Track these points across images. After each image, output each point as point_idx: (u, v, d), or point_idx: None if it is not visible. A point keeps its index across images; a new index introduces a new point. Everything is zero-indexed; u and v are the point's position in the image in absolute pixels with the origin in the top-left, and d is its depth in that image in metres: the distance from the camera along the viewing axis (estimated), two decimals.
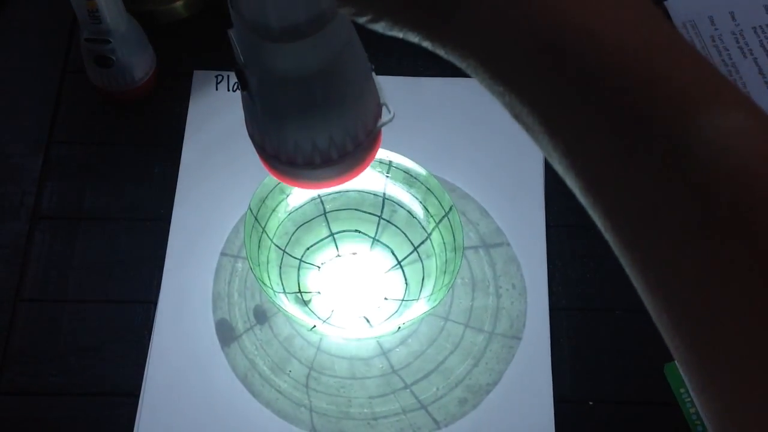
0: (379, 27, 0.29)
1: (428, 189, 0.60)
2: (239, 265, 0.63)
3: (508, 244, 0.64)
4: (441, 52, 0.29)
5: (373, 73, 0.39)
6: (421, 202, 0.61)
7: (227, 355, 0.60)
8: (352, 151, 0.39)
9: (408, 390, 0.59)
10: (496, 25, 0.27)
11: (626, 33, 0.26)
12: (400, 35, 0.29)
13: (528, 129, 0.28)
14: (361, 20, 0.29)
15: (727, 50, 0.72)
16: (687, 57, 0.27)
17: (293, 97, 0.37)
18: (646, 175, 0.26)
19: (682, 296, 0.26)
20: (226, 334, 0.61)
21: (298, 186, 0.41)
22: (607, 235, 0.28)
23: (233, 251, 0.64)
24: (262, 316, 0.61)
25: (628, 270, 0.28)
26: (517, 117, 0.28)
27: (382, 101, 0.40)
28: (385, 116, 0.40)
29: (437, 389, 0.59)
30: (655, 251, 0.27)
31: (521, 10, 0.26)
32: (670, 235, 0.26)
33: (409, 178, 0.61)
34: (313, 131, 0.38)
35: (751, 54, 0.72)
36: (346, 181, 0.41)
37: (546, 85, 0.27)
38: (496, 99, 0.28)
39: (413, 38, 0.29)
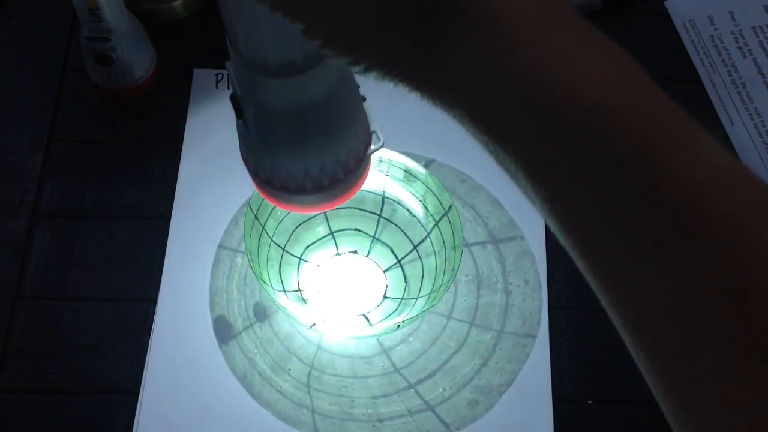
0: (371, 77, 0.30)
1: (428, 188, 0.60)
2: (239, 260, 0.63)
3: (522, 238, 0.63)
4: (429, 101, 0.30)
5: (365, 103, 0.41)
6: (420, 201, 0.61)
7: (225, 353, 0.60)
8: (342, 178, 0.41)
9: (412, 390, 0.59)
10: (481, 79, 0.28)
11: (605, 89, 0.27)
12: (392, 85, 0.30)
13: (512, 176, 0.29)
14: (355, 70, 0.30)
15: (727, 50, 0.72)
16: (662, 108, 0.28)
17: (287, 128, 0.38)
18: (625, 220, 0.27)
19: (662, 339, 0.28)
20: (224, 331, 0.61)
21: (290, 210, 0.43)
22: (588, 276, 0.29)
23: (232, 245, 0.64)
24: (262, 313, 0.61)
25: (607, 309, 0.29)
26: (500, 164, 0.30)
27: (372, 129, 0.42)
28: (374, 143, 0.42)
29: (443, 389, 0.59)
30: (634, 289, 0.28)
31: (506, 66, 0.27)
32: (647, 274, 0.27)
33: (408, 177, 0.61)
34: (305, 160, 0.40)
35: (751, 54, 0.72)
36: (337, 205, 0.43)
37: (528, 138, 0.28)
38: (481, 146, 0.30)
39: (404, 89, 0.30)
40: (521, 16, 0.28)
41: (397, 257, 0.62)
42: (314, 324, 0.56)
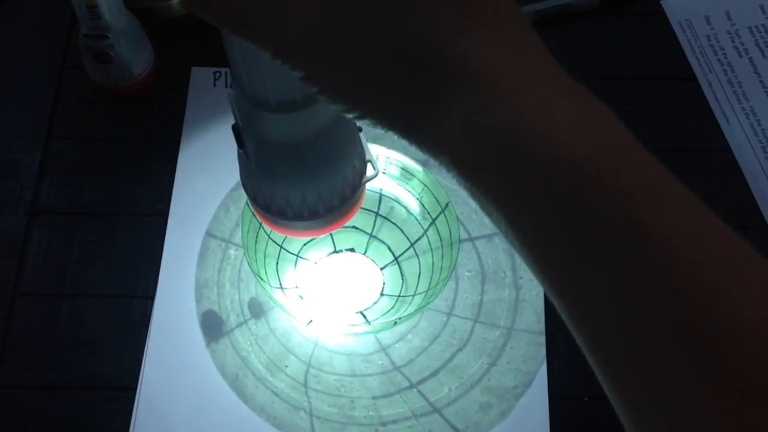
0: (364, 123, 0.32)
1: (424, 185, 0.60)
2: (231, 252, 0.63)
3: None
4: (417, 148, 0.32)
5: (361, 134, 0.43)
6: (417, 199, 0.61)
7: (215, 352, 0.60)
8: (338, 206, 0.43)
9: (415, 389, 0.58)
10: (463, 132, 0.30)
11: (580, 139, 0.29)
12: (384, 131, 0.32)
13: (493, 222, 0.31)
14: (349, 116, 0.32)
15: (723, 50, 0.73)
16: (635, 157, 0.30)
17: (285, 160, 0.40)
18: (595, 265, 0.29)
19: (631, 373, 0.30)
20: (214, 328, 0.60)
21: (288, 234, 0.45)
22: (563, 316, 0.31)
23: (224, 234, 0.63)
24: (258, 309, 0.62)
25: (593, 367, 0.32)
26: (482, 209, 0.31)
27: (367, 158, 0.44)
28: (369, 172, 0.44)
29: (449, 390, 0.58)
30: (603, 330, 0.30)
31: (486, 120, 0.29)
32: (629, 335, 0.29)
33: (405, 174, 0.61)
34: (302, 189, 0.41)
35: (747, 53, 0.72)
36: (332, 231, 0.46)
37: (506, 187, 0.30)
38: (466, 192, 0.32)
39: (394, 135, 0.32)
40: (502, 72, 0.29)
41: (394, 255, 0.63)
42: (311, 321, 0.56)
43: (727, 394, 0.27)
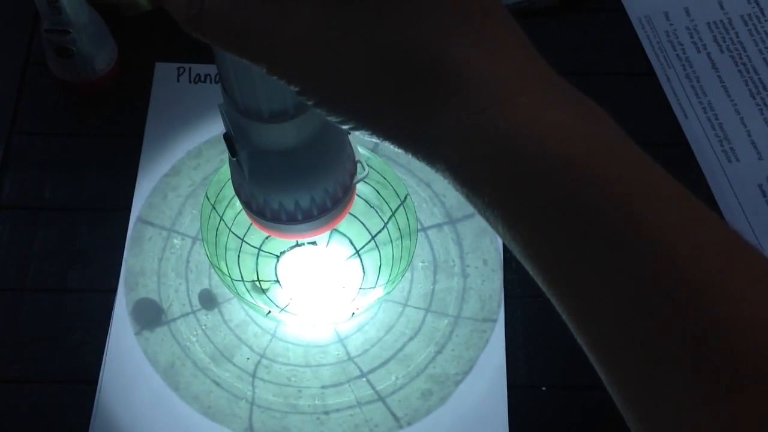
0: (360, 134, 0.33)
1: (383, 177, 0.61)
2: (176, 241, 0.63)
3: None
4: (413, 156, 0.33)
5: (350, 136, 0.44)
6: (377, 191, 0.62)
7: (147, 340, 0.59)
8: (330, 207, 0.44)
9: (364, 378, 0.59)
10: (458, 137, 0.30)
11: (573, 139, 0.30)
12: (380, 141, 0.33)
13: (492, 225, 0.32)
14: (345, 127, 0.33)
15: (681, 45, 0.74)
16: (628, 155, 0.31)
17: (279, 167, 0.41)
18: (590, 263, 0.30)
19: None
20: (148, 317, 0.60)
21: (282, 237, 0.47)
22: (563, 315, 0.32)
23: (163, 223, 0.63)
24: (210, 301, 0.62)
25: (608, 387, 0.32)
26: (481, 214, 0.32)
27: (357, 159, 0.45)
28: (360, 173, 0.45)
29: (396, 378, 0.59)
30: (604, 330, 0.30)
31: (480, 125, 0.30)
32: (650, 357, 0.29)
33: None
34: (296, 194, 0.43)
35: (705, 49, 0.74)
36: (326, 231, 0.47)
37: (502, 189, 0.31)
38: (463, 198, 0.32)
39: (390, 145, 0.32)
40: (493, 77, 0.30)
41: (355, 247, 0.63)
42: (269, 312, 0.56)
43: (728, 386, 0.28)
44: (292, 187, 0.42)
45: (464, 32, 0.30)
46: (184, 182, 0.65)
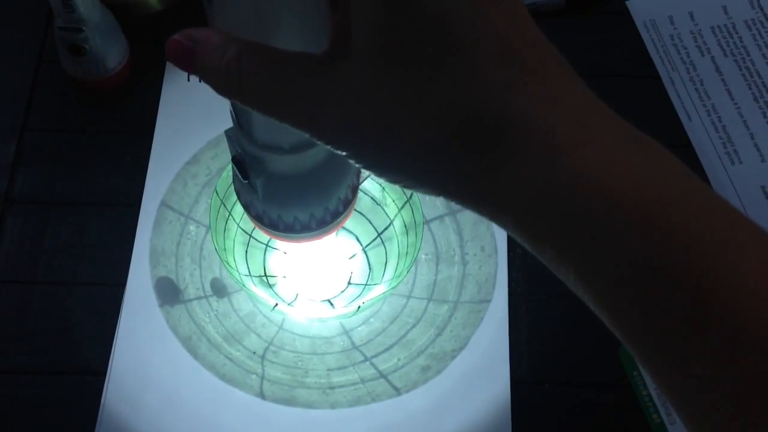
0: (399, 186, 0.32)
1: None
2: (191, 228, 0.64)
3: None
4: (474, 211, 0.31)
5: None
6: (382, 188, 0.63)
7: (168, 313, 0.61)
8: (342, 211, 0.44)
9: (368, 362, 0.60)
10: (527, 191, 0.29)
11: (647, 187, 0.28)
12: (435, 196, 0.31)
13: (563, 279, 0.30)
14: (397, 185, 0.32)
15: (686, 49, 0.75)
16: (706, 201, 0.29)
17: (296, 188, 0.41)
18: (673, 323, 0.28)
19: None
20: (169, 294, 0.62)
21: (291, 243, 0.46)
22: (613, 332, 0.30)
23: (182, 209, 0.64)
24: (221, 290, 0.63)
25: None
26: (551, 267, 0.31)
27: None
28: (365, 171, 0.45)
29: (398, 360, 0.60)
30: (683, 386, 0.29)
31: (550, 177, 0.28)
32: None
33: None
34: (311, 208, 0.42)
35: (709, 53, 0.74)
36: (336, 230, 0.47)
37: (575, 242, 0.29)
38: (531, 250, 0.31)
39: (446, 199, 0.31)
40: (559, 128, 0.28)
41: (361, 244, 0.64)
42: (276, 305, 0.57)
43: None
44: (308, 202, 0.42)
45: (522, 81, 0.29)
46: (202, 171, 0.67)
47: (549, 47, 0.31)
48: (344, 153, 0.30)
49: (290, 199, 0.42)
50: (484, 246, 0.63)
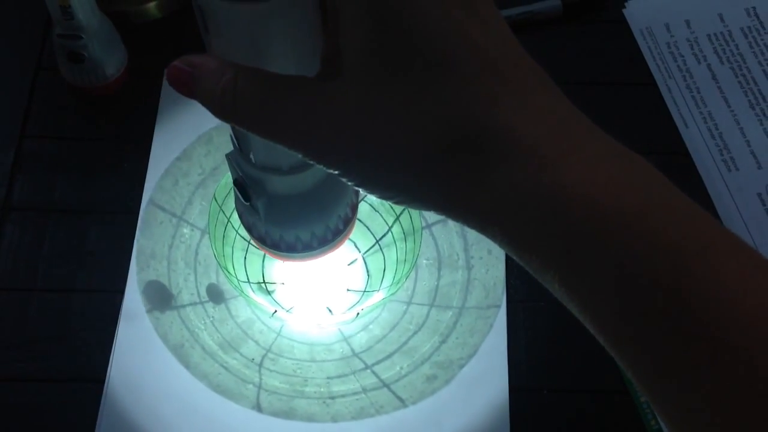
0: (390, 202, 0.33)
1: None
2: (185, 231, 0.63)
3: None
4: (461, 223, 0.32)
5: None
6: None
7: (158, 320, 0.60)
8: (342, 229, 0.45)
9: (369, 370, 0.60)
10: (511, 203, 0.30)
11: (625, 197, 0.29)
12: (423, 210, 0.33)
13: (548, 286, 0.31)
14: (387, 201, 0.33)
15: (682, 56, 0.75)
16: (681, 210, 0.30)
17: (298, 208, 0.41)
18: (652, 328, 0.29)
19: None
20: (159, 299, 0.60)
21: (293, 261, 0.47)
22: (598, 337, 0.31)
23: (174, 209, 0.63)
24: (217, 296, 0.62)
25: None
26: (535, 275, 0.32)
27: None
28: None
29: (401, 368, 0.59)
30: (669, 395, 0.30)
31: (533, 189, 0.29)
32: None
33: None
34: (312, 227, 0.43)
35: (705, 60, 0.75)
36: (337, 248, 0.47)
37: (558, 252, 0.30)
38: (516, 259, 0.32)
39: (434, 213, 0.32)
40: (545, 139, 0.30)
41: (359, 251, 0.64)
42: (275, 311, 0.57)
43: None
44: (309, 221, 0.43)
45: (506, 96, 0.30)
46: (194, 170, 0.65)
47: (531, 63, 0.32)
48: (336, 171, 0.31)
49: (291, 219, 0.42)
50: (491, 249, 0.62)
